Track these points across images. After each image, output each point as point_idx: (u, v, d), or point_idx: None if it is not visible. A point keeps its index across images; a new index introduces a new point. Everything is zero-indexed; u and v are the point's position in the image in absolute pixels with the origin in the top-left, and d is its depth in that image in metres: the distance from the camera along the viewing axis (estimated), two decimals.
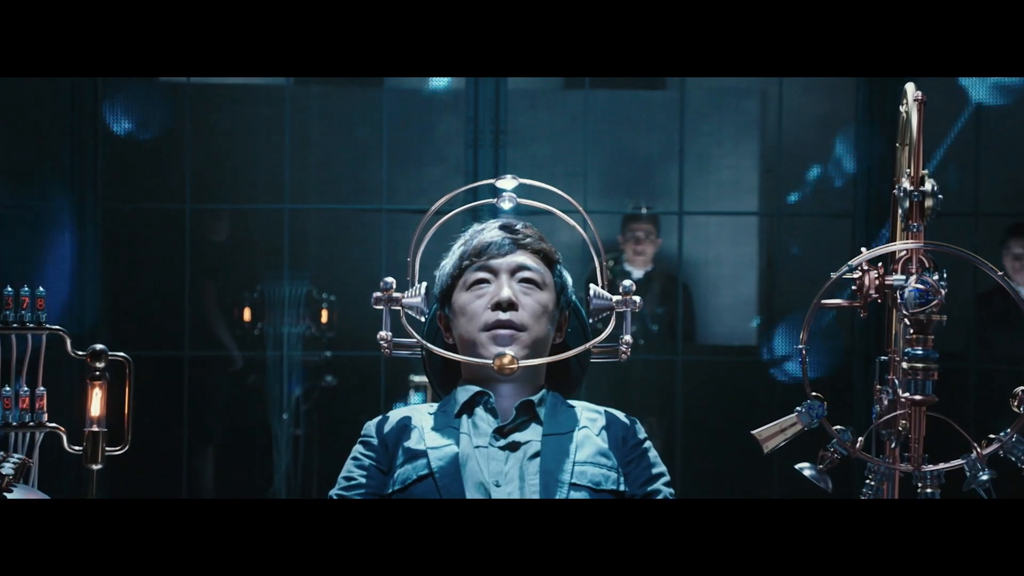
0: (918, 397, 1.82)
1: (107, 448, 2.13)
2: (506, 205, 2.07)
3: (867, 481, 1.93)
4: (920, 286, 1.81)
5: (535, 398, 1.96)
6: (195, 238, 4.47)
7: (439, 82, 4.86)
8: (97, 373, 2.09)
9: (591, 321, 2.08)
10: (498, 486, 1.84)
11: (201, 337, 4.52)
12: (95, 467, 2.10)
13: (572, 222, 2.11)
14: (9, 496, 1.74)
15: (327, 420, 4.69)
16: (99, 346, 2.12)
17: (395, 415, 1.99)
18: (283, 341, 4.57)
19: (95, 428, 2.09)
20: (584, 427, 1.94)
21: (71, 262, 4.32)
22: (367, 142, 4.65)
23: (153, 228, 4.57)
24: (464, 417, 1.94)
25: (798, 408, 1.87)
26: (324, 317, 4.71)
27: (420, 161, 4.77)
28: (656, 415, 4.63)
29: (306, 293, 4.64)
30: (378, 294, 2.00)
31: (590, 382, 4.57)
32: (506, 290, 1.95)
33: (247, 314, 4.68)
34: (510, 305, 1.94)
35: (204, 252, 4.55)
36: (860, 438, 1.88)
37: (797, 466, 1.89)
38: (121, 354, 2.16)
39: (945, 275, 1.83)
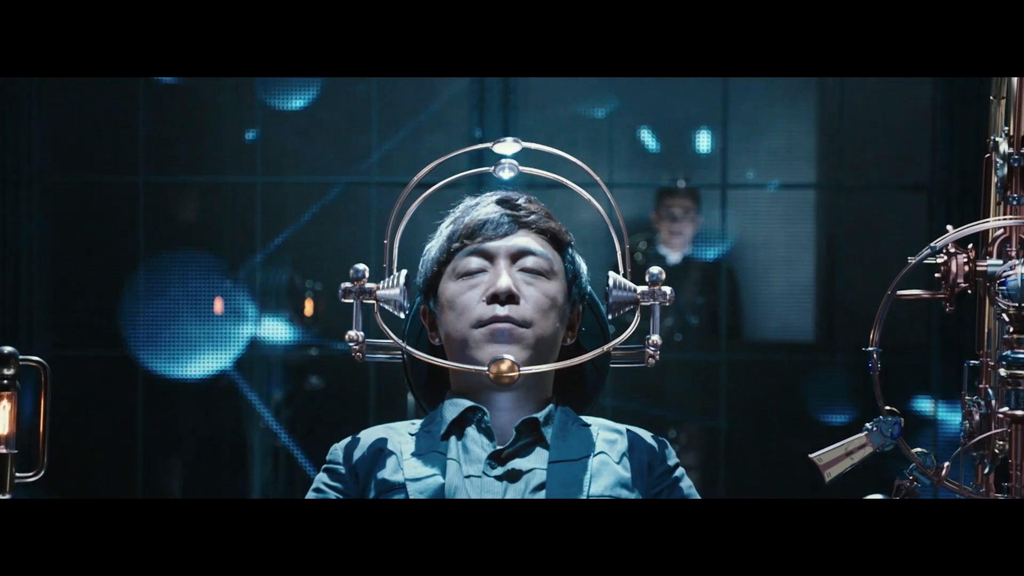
0: (1020, 412, 1.75)
1: (17, 474, 2.02)
2: (505, 175, 1.97)
3: None
4: None
5: (540, 415, 1.89)
6: (153, 217, 4.47)
7: None
8: (5, 382, 1.98)
9: (611, 317, 2.00)
10: None
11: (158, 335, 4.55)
12: (2, 497, 1.99)
13: (588, 196, 2.02)
14: None
15: (312, 428, 4.68)
16: (7, 349, 2.01)
17: (367, 436, 1.92)
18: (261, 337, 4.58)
19: (2, 449, 1.99)
20: (601, 452, 1.87)
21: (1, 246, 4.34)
22: (354, 103, 4.63)
23: (102, 205, 4.56)
24: (452, 439, 1.88)
25: (868, 426, 1.80)
26: (308, 308, 4.73)
27: (416, 126, 4.73)
28: (695, 424, 4.65)
29: (287, 281, 4.65)
30: (347, 284, 1.92)
31: (614, 386, 4.49)
32: (504, 278, 1.88)
33: (218, 305, 4.67)
34: (509, 297, 1.87)
35: (164, 233, 4.57)
36: (946, 463, 1.80)
37: (867, 498, 1.81)
38: (35, 358, 2.05)
39: None
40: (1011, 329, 1.75)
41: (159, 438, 4.55)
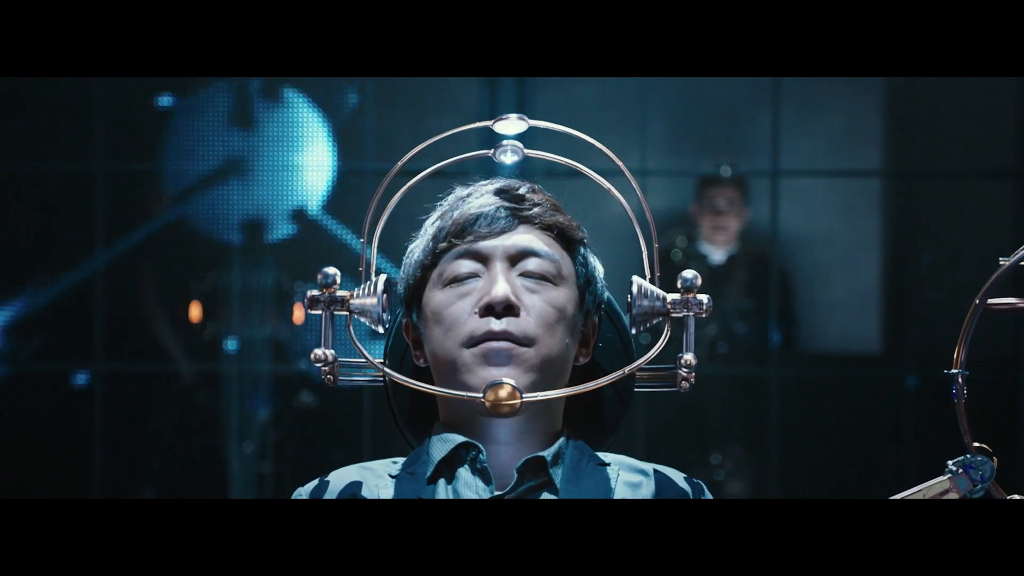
0: None
1: None
2: (508, 159, 1.92)
3: None
4: None
5: (548, 453, 1.80)
6: (114, 209, 4.49)
7: None
8: None
9: (636, 331, 1.91)
10: None
11: (122, 344, 4.56)
12: None
13: (607, 185, 1.96)
14: None
15: (303, 452, 4.71)
16: None
17: (338, 479, 1.85)
18: (244, 348, 4.62)
19: None
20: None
21: None
22: (347, 78, 4.67)
23: (51, 197, 4.61)
24: (441, 483, 1.80)
25: (951, 467, 1.73)
26: (298, 316, 4.73)
27: (420, 104, 4.75)
28: (744, 449, 4.71)
29: (273, 284, 4.66)
30: (315, 292, 1.85)
31: (645, 407, 4.43)
32: (501, 285, 1.79)
33: (195, 312, 4.70)
34: (507, 308, 1.78)
35: (126, 227, 4.60)
36: None
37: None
38: None
39: None
40: None
41: (124, 462, 4.58)
